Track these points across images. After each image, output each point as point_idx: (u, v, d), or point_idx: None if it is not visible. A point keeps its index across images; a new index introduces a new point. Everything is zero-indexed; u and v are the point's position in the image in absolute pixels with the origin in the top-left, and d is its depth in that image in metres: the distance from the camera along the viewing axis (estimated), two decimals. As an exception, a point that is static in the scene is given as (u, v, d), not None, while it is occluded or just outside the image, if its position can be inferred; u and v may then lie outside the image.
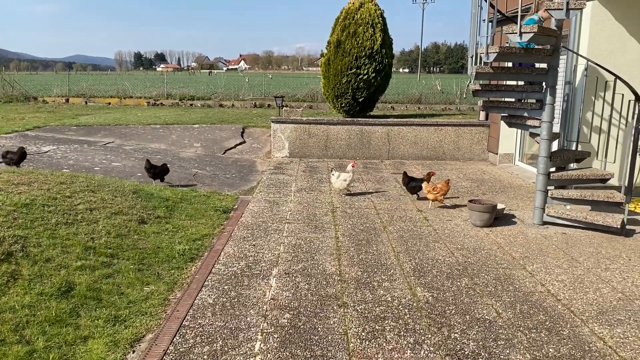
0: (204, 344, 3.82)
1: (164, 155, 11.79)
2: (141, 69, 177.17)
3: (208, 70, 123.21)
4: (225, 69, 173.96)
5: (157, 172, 8.93)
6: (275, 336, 3.94)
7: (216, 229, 6.69)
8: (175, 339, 3.88)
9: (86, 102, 24.02)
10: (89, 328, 3.95)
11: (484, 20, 7.60)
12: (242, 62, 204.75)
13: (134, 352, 3.74)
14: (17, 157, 8.49)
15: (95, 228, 5.78)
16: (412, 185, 8.41)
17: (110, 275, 4.88)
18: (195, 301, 4.54)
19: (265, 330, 4.02)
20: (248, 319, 4.22)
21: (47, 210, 5.81)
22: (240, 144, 14.03)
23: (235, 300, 4.57)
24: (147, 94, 25.67)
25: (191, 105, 23.59)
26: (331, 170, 8.87)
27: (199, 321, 4.17)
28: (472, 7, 7.03)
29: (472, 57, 7.12)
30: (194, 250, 5.84)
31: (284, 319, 4.23)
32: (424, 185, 7.95)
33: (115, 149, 11.93)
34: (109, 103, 24.06)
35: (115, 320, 4.11)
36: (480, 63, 7.00)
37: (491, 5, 7.11)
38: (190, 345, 3.80)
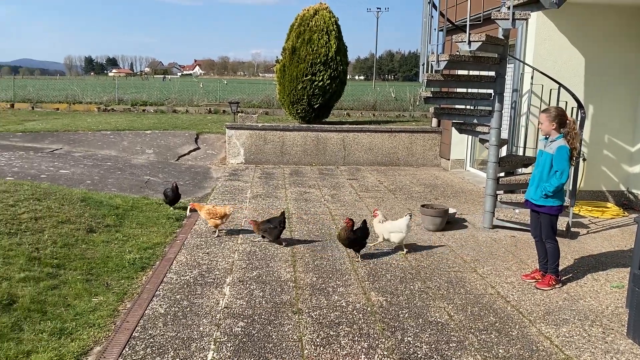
0: (154, 355, 3.72)
1: (115, 162, 11.48)
2: (92, 73, 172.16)
3: (162, 76, 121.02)
4: (179, 74, 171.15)
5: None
6: (229, 345, 3.88)
7: (168, 237, 6.55)
8: (124, 351, 3.76)
9: (33, 108, 23.14)
10: (33, 342, 3.78)
11: (435, 29, 7.78)
12: (197, 67, 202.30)
13: (80, 366, 3.61)
14: None
15: (40, 238, 5.56)
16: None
17: (56, 286, 4.70)
18: (146, 311, 4.42)
19: (218, 340, 3.96)
20: (201, 328, 4.14)
21: (-12, 220, 5.55)
22: (194, 150, 13.81)
23: (188, 309, 4.48)
24: (97, 100, 24.97)
25: (144, 111, 23.09)
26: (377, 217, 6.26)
27: (149, 332, 4.06)
28: (423, 16, 7.18)
29: (423, 65, 7.27)
30: (145, 259, 5.69)
31: (238, 327, 4.17)
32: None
33: (63, 155, 11.53)
34: (58, 109, 23.25)
35: (60, 333, 3.95)
36: (432, 71, 7.15)
37: (442, 15, 7.29)
38: (140, 356, 3.69)
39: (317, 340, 3.99)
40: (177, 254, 5.92)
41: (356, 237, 5.75)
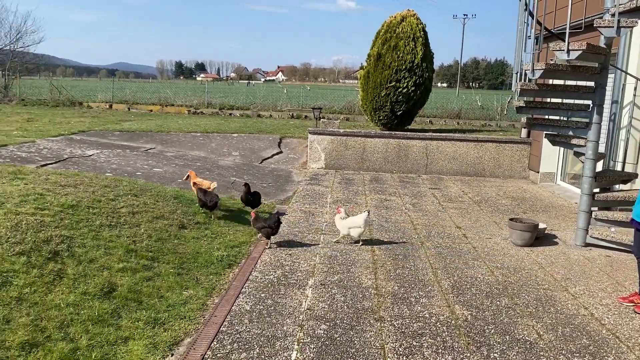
0: (241, 350, 3.84)
1: (204, 162, 11.98)
2: (182, 77, 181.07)
3: (246, 81, 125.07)
4: (263, 80, 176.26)
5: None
6: (312, 346, 3.93)
7: (253, 237, 6.74)
8: (213, 344, 3.91)
9: (129, 109, 24.67)
10: (130, 329, 4.03)
11: (530, 36, 7.50)
12: (280, 73, 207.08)
13: (172, 355, 3.79)
14: None
15: (137, 231, 5.91)
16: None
17: (151, 278, 4.97)
18: (233, 307, 4.58)
19: (301, 340, 4.02)
20: (284, 327, 4.23)
21: (91, 212, 5.98)
22: (277, 154, 14.14)
23: (272, 308, 4.59)
24: (188, 103, 26.19)
25: (230, 114, 23.96)
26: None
27: (236, 327, 4.20)
28: (519, 23, 6.94)
29: (517, 74, 7.01)
30: (232, 256, 5.90)
31: (320, 329, 4.22)
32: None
33: (157, 154, 12.19)
34: (151, 110, 24.65)
35: (154, 322, 4.18)
36: (525, 80, 6.89)
37: (538, 22, 7.01)
38: (227, 351, 3.83)
39: (400, 349, 3.96)
40: (261, 253, 6.08)
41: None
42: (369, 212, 6.47)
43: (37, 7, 36.88)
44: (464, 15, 79.94)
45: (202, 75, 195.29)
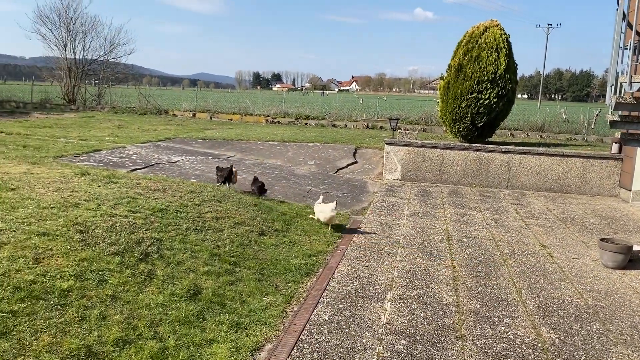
0: (320, 360, 3.86)
1: (280, 171, 12.22)
2: (258, 87, 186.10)
3: (321, 91, 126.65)
4: (337, 89, 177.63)
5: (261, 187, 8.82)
6: (392, 361, 3.88)
7: (329, 247, 6.78)
8: (293, 352, 3.96)
9: (210, 117, 25.64)
10: (214, 332, 4.15)
11: (626, 47, 7.08)
12: (354, 83, 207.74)
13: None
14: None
15: (220, 236, 6.11)
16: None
17: (233, 282, 5.11)
18: (312, 316, 4.61)
19: (381, 355, 3.98)
20: (364, 340, 4.20)
21: (179, 216, 6.26)
22: (352, 164, 14.17)
23: (351, 320, 4.58)
24: (265, 112, 26.85)
25: (306, 124, 24.32)
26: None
27: (315, 337, 4.23)
28: (615, 33, 6.58)
29: (611, 86, 6.65)
30: (309, 265, 5.96)
31: (400, 345, 4.16)
32: None
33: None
34: (231, 119, 25.49)
35: (237, 326, 4.29)
36: (621, 93, 6.52)
37: (637, 33, 6.61)
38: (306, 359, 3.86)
39: (483, 370, 3.82)
40: (338, 263, 6.10)
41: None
42: (336, 204, 7.56)
43: (129, 20, 39.17)
44: (548, 24, 76.58)
45: (278, 85, 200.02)
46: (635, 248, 6.77)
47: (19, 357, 3.30)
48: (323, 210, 7.57)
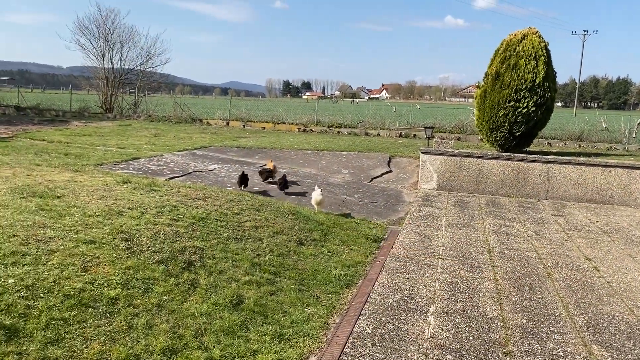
0: (366, 374, 3.80)
1: (314, 179, 12.21)
2: (288, 95, 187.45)
3: (350, 99, 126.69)
4: (367, 97, 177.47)
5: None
6: (439, 377, 3.80)
7: (368, 257, 6.72)
8: (337, 365, 3.91)
9: (244, 126, 25.89)
10: (258, 343, 4.14)
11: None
12: (384, 91, 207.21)
13: (298, 372, 3.84)
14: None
15: (260, 245, 6.12)
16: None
17: (274, 292, 5.11)
18: (354, 329, 4.56)
19: (428, 370, 3.90)
20: (409, 354, 4.13)
21: (219, 224, 6.30)
22: (386, 172, 14.07)
23: (394, 333, 4.51)
24: (298, 120, 26.97)
25: (338, 132, 24.32)
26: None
27: (359, 350, 4.18)
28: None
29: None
30: (349, 276, 5.91)
31: (447, 360, 4.07)
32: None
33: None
34: (264, 127, 25.69)
35: (280, 337, 4.27)
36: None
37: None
38: (352, 373, 3.81)
39: (535, 389, 3.70)
40: (378, 275, 6.03)
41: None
42: (321, 190, 8.87)
43: (165, 30, 40.00)
44: (584, 31, 75.06)
45: (307, 93, 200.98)
46: (687, 263, 6.51)
47: (71, 365, 3.34)
48: (313, 196, 8.94)
